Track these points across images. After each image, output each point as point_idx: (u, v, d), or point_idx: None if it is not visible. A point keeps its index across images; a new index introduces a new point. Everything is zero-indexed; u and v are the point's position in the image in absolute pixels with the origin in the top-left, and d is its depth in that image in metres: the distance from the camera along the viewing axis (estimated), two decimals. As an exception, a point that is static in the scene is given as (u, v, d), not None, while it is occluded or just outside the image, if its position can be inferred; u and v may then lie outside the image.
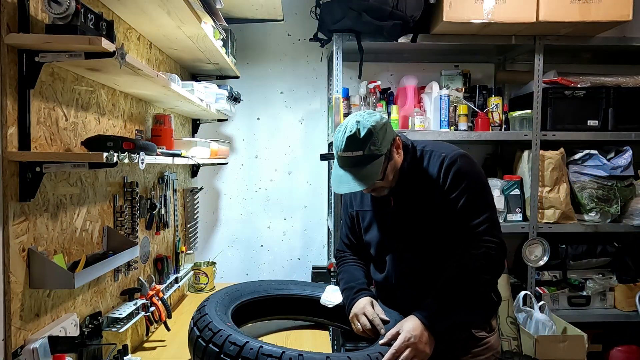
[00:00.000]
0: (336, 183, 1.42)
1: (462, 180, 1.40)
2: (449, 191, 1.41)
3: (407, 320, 1.36)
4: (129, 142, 1.31)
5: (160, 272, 2.12)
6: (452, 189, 1.41)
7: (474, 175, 1.43)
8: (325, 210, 3.05)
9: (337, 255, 1.76)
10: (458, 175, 1.40)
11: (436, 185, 1.43)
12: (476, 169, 1.46)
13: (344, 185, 1.39)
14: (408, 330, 1.31)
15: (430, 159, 1.47)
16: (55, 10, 1.13)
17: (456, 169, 1.41)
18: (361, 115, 1.41)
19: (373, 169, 1.38)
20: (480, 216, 1.40)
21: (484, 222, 1.39)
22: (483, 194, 1.44)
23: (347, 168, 1.40)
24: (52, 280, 1.19)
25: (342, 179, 1.40)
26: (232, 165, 3.01)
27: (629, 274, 2.75)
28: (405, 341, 1.29)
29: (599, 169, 2.61)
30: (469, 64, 2.93)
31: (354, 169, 1.39)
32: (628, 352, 2.73)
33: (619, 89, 2.60)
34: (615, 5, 2.32)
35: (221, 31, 2.13)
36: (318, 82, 3.02)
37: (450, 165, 1.41)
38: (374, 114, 1.42)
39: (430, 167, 1.46)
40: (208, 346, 1.28)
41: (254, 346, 1.23)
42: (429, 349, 1.32)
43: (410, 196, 1.48)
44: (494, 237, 1.39)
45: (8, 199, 1.11)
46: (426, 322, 1.33)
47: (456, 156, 1.43)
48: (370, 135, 1.36)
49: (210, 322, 1.35)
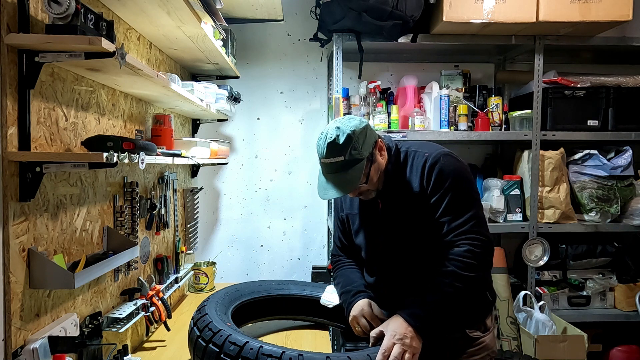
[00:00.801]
0: (321, 190, 1.42)
1: (445, 179, 1.40)
2: (432, 191, 1.41)
3: (391, 320, 1.36)
4: (129, 142, 1.31)
5: (160, 272, 2.11)
6: (436, 189, 1.41)
7: (456, 174, 1.42)
8: (325, 210, 3.05)
9: (333, 260, 1.76)
10: (440, 174, 1.40)
11: (420, 186, 1.43)
12: (459, 167, 1.45)
13: (329, 192, 1.39)
14: (392, 329, 1.32)
15: (414, 160, 1.47)
16: (55, 10, 1.13)
17: (439, 168, 1.41)
18: (340, 121, 1.42)
19: (355, 173, 1.38)
20: (465, 214, 1.39)
21: (468, 220, 1.39)
22: (467, 191, 1.43)
23: (330, 174, 1.41)
24: (52, 280, 1.19)
25: (326, 185, 1.41)
26: (232, 165, 3.01)
27: (629, 274, 2.75)
28: (392, 339, 1.30)
29: (599, 168, 2.61)
30: (469, 64, 2.93)
31: (337, 175, 1.39)
32: (628, 352, 2.73)
33: (619, 89, 2.60)
34: (615, 5, 2.32)
35: (221, 31, 2.13)
36: (318, 82, 3.02)
37: (433, 165, 1.41)
38: (353, 119, 1.42)
39: (414, 167, 1.46)
40: (208, 346, 1.28)
41: (254, 346, 1.23)
42: (417, 343, 1.31)
43: (396, 198, 1.48)
44: (479, 234, 1.39)
45: (8, 199, 1.11)
46: (409, 319, 1.33)
47: (439, 155, 1.43)
48: (350, 140, 1.36)
49: (210, 322, 1.35)
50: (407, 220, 1.46)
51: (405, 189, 1.46)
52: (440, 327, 1.38)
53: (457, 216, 1.39)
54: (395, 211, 1.48)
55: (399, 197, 1.47)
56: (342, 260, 1.71)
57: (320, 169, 1.45)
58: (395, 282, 1.51)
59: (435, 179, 1.40)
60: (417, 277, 1.46)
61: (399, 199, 1.47)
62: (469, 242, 1.37)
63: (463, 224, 1.39)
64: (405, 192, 1.46)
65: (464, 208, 1.40)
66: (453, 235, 1.39)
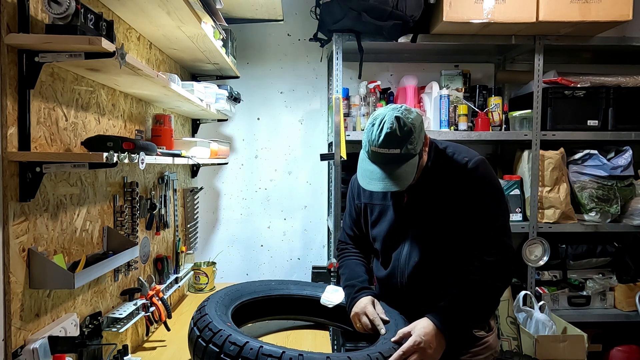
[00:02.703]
0: (366, 179, 1.36)
1: (482, 185, 1.40)
2: (469, 194, 1.40)
3: (421, 322, 1.34)
4: (129, 142, 1.31)
5: (160, 272, 2.11)
6: (473, 193, 1.40)
7: (493, 181, 1.43)
8: (325, 210, 3.05)
9: (339, 247, 1.74)
10: (479, 180, 1.40)
11: (456, 187, 1.41)
12: (494, 175, 1.46)
13: (377, 183, 1.33)
14: (419, 334, 1.29)
15: (452, 161, 1.45)
16: (55, 10, 1.13)
17: (478, 174, 1.40)
18: (399, 109, 1.36)
19: (408, 169, 1.33)
20: (496, 222, 1.40)
21: (499, 228, 1.40)
22: (501, 200, 1.44)
23: (380, 165, 1.34)
24: (52, 280, 1.19)
25: (373, 175, 1.35)
26: (232, 165, 3.01)
27: (629, 274, 2.75)
28: (415, 345, 1.28)
29: (599, 168, 2.61)
30: (469, 64, 2.93)
31: (388, 166, 1.33)
32: (628, 352, 2.73)
33: (619, 89, 2.60)
34: (615, 5, 2.32)
35: (221, 31, 2.13)
36: (318, 82, 3.02)
37: (473, 170, 1.41)
38: (411, 110, 1.38)
39: (452, 168, 1.44)
40: (208, 346, 1.28)
41: (254, 346, 1.23)
42: (438, 355, 1.30)
43: (426, 194, 1.46)
44: (506, 244, 1.39)
45: (8, 199, 1.11)
46: (441, 326, 1.31)
47: (479, 161, 1.42)
48: (410, 134, 1.32)
49: (210, 322, 1.35)
50: (433, 217, 1.44)
51: (437, 187, 1.44)
52: (464, 335, 1.40)
53: (488, 222, 1.39)
54: (422, 207, 1.46)
55: (429, 194, 1.45)
56: (349, 250, 1.68)
57: (364, 154, 1.40)
58: (408, 278, 1.49)
59: (474, 183, 1.40)
60: (431, 274, 1.46)
61: (429, 195, 1.45)
62: (498, 251, 1.38)
63: (493, 230, 1.39)
64: (437, 190, 1.44)
65: (496, 215, 1.41)
66: (482, 241, 1.39)
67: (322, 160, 2.60)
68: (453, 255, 1.44)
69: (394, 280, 1.52)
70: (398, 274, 1.51)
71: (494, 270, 1.37)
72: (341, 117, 2.47)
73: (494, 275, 1.37)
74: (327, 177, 3.02)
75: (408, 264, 1.48)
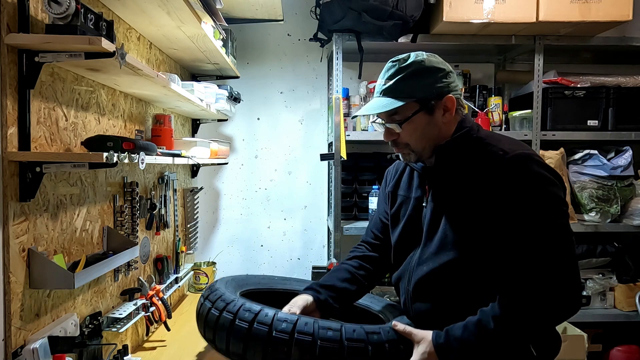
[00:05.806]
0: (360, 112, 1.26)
1: (523, 189, 1.07)
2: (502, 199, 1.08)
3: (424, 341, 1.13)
4: (129, 142, 1.31)
5: (160, 272, 2.11)
6: (508, 198, 1.08)
7: (542, 186, 1.06)
8: (325, 210, 3.05)
9: (353, 247, 1.59)
10: (519, 181, 1.07)
11: (487, 187, 1.11)
12: (548, 179, 1.08)
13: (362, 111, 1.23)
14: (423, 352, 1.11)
15: (486, 151, 1.15)
16: (55, 10, 1.13)
17: (517, 173, 1.08)
18: (426, 53, 1.23)
19: (387, 103, 1.18)
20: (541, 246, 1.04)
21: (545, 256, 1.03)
22: (552, 216, 1.05)
23: (376, 97, 1.23)
24: (52, 280, 1.19)
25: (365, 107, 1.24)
26: (232, 165, 3.01)
27: (629, 274, 2.75)
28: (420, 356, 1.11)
29: (599, 169, 2.61)
30: (469, 64, 2.92)
31: (376, 98, 1.22)
32: (628, 352, 2.72)
33: (619, 89, 2.60)
34: (615, 5, 2.32)
35: (221, 31, 2.13)
36: (318, 82, 3.01)
37: (510, 166, 1.08)
38: (438, 58, 1.22)
39: (484, 161, 1.14)
40: (222, 314, 1.23)
41: (269, 313, 1.19)
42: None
43: (451, 190, 1.20)
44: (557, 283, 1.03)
45: (8, 199, 1.11)
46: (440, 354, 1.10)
47: (521, 156, 1.09)
48: (408, 67, 1.18)
49: (222, 295, 1.29)
50: (455, 220, 1.17)
51: (466, 184, 1.16)
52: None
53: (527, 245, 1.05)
54: (445, 205, 1.20)
55: (455, 191, 1.19)
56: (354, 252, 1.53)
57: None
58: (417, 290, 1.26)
59: (512, 185, 1.08)
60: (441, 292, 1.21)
61: (455, 192, 1.19)
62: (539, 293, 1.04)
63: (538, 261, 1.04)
64: (465, 187, 1.16)
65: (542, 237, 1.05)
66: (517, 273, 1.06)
67: (322, 160, 2.60)
68: (473, 276, 1.15)
69: (399, 288, 1.37)
70: (405, 282, 1.33)
71: (520, 319, 1.03)
72: (341, 117, 2.47)
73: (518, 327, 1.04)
74: (327, 177, 3.02)
75: (417, 273, 1.26)
